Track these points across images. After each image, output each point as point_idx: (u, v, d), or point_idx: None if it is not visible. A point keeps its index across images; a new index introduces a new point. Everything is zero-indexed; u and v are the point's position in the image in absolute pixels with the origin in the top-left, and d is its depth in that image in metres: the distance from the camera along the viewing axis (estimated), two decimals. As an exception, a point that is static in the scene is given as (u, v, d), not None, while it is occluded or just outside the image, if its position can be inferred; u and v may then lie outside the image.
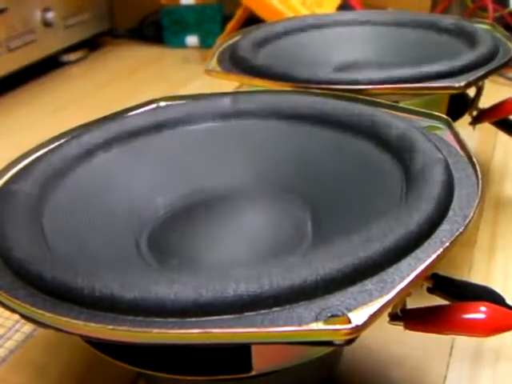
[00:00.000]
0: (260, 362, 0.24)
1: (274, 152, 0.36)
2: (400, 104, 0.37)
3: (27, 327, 0.39)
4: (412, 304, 0.28)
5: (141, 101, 0.39)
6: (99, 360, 0.34)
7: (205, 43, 0.94)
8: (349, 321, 0.21)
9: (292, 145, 0.36)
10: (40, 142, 0.35)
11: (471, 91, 0.45)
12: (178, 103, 0.39)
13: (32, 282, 0.24)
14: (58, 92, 0.81)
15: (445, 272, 0.30)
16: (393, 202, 0.28)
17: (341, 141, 0.35)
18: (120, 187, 0.34)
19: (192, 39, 0.95)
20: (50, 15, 0.83)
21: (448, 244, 0.24)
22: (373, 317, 0.21)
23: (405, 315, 0.28)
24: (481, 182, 0.28)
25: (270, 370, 0.25)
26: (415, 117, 0.35)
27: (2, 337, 0.38)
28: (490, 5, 0.81)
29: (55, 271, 0.24)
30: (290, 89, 0.40)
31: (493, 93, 0.51)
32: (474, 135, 0.58)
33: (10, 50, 0.77)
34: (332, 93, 0.38)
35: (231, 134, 0.37)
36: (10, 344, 0.38)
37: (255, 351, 0.24)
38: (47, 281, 0.23)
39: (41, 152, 0.34)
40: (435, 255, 0.23)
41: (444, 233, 0.25)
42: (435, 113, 0.35)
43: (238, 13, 0.80)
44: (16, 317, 0.25)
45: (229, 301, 0.22)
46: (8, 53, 0.77)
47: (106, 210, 0.32)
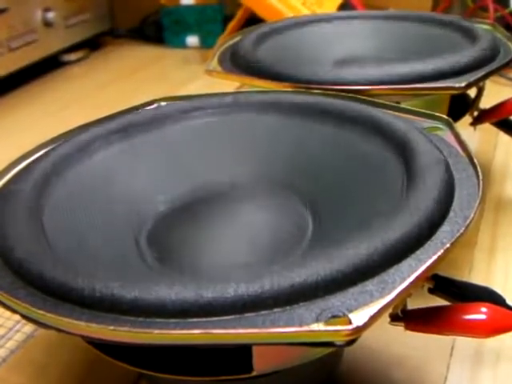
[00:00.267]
0: (261, 363, 0.24)
1: (275, 148, 0.36)
2: (401, 104, 0.37)
3: (28, 327, 0.39)
4: (413, 304, 0.28)
5: (142, 101, 0.39)
6: (100, 361, 0.34)
7: (205, 43, 0.94)
8: (349, 321, 0.21)
9: (292, 141, 0.36)
10: (41, 142, 0.35)
11: (472, 92, 0.45)
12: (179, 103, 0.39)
13: (32, 282, 0.24)
14: (59, 92, 0.81)
15: (445, 273, 0.30)
16: (393, 203, 0.28)
17: (341, 138, 0.35)
18: (120, 185, 0.34)
19: (192, 39, 0.95)
20: (51, 15, 0.83)
21: (449, 245, 0.24)
22: (373, 317, 0.21)
23: (405, 316, 0.28)
24: (481, 183, 0.28)
25: (271, 371, 0.25)
26: (416, 117, 0.35)
27: (3, 337, 0.38)
28: (491, 5, 0.81)
29: (56, 271, 0.24)
30: (291, 89, 0.40)
31: (494, 93, 0.51)
32: (475, 136, 0.58)
33: (11, 50, 0.77)
34: (333, 93, 0.38)
35: (231, 129, 0.37)
36: (11, 344, 0.38)
37: (256, 352, 0.24)
38: (48, 281, 0.23)
39: (41, 152, 0.34)
40: (436, 256, 0.23)
41: (445, 234, 0.25)
42: (436, 113, 0.35)
43: (239, 13, 0.80)
44: (17, 317, 0.25)
45: (229, 301, 0.22)
46: (9, 53, 0.77)
47: (106, 208, 0.32)
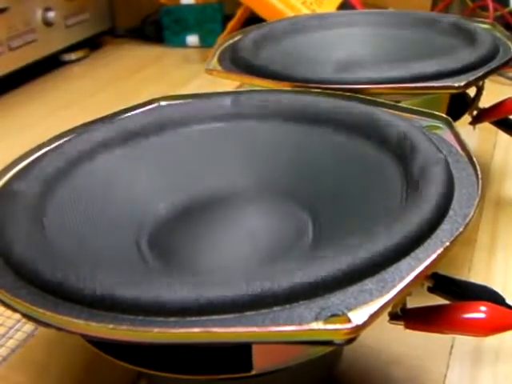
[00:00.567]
0: (260, 362, 0.24)
1: (275, 153, 0.36)
2: (400, 104, 0.37)
3: (28, 326, 0.39)
4: (412, 303, 0.28)
5: (142, 100, 0.39)
6: (100, 359, 0.34)
7: (205, 43, 0.94)
8: (349, 320, 0.21)
9: (292, 145, 0.36)
10: (41, 142, 0.35)
11: (471, 91, 0.45)
12: (179, 103, 0.39)
13: (33, 281, 0.24)
14: (59, 91, 0.81)
15: (445, 271, 0.30)
16: (393, 202, 0.28)
17: (341, 140, 0.35)
18: (121, 188, 0.34)
19: (192, 39, 0.95)
20: (51, 14, 0.83)
21: (448, 244, 0.24)
22: (373, 316, 0.21)
23: (405, 314, 0.28)
24: (481, 182, 0.28)
25: (271, 370, 0.25)
26: (415, 116, 0.35)
27: (3, 336, 0.38)
28: (491, 4, 0.81)
29: (56, 271, 0.24)
30: (291, 88, 0.40)
31: (493, 92, 0.51)
32: (475, 135, 0.58)
33: (11, 50, 0.77)
34: (332, 92, 0.38)
35: (231, 136, 0.37)
36: (11, 343, 0.38)
37: (256, 350, 0.24)
38: (48, 280, 0.24)
39: (42, 152, 0.34)
40: (435, 255, 0.23)
41: (444, 232, 0.25)
42: (435, 112, 0.35)
43: (239, 12, 0.80)
44: (17, 316, 0.25)
45: (229, 300, 0.22)
46: (9, 52, 0.76)
47: (107, 210, 0.32)
